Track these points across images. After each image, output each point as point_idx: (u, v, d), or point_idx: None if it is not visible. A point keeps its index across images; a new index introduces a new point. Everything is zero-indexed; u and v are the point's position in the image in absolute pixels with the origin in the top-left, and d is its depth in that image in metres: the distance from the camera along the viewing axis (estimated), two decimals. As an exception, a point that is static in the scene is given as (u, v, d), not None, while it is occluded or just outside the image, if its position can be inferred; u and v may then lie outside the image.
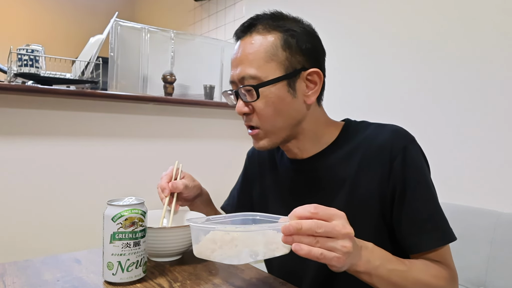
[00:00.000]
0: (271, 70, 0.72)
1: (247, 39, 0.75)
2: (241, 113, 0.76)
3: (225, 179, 2.00)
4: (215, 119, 2.00)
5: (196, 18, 2.91)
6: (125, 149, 1.70)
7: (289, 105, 0.74)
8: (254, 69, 0.72)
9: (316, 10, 1.84)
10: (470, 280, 1.00)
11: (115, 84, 1.79)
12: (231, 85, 0.78)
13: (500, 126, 1.17)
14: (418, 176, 0.72)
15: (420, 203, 0.71)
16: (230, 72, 0.78)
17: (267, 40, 0.73)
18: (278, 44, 0.73)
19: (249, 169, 0.99)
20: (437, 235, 0.70)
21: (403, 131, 0.76)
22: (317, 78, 0.76)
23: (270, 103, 0.73)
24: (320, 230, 0.53)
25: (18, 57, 1.53)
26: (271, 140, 0.76)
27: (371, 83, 1.58)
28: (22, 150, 1.46)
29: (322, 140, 0.80)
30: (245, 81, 0.73)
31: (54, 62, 1.66)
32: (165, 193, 0.82)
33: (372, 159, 0.74)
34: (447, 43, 1.31)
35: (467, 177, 1.24)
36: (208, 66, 2.18)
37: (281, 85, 0.73)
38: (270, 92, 0.72)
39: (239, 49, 0.75)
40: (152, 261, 0.75)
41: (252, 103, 0.74)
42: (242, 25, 0.78)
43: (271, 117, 0.74)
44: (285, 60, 0.73)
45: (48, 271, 0.68)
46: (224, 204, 1.04)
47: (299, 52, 0.74)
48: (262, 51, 0.73)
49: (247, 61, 0.73)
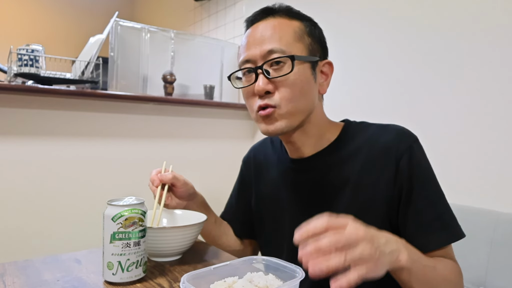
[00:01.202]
0: (299, 50, 0.72)
1: (270, 21, 0.74)
2: (263, 92, 0.71)
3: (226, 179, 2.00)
4: (215, 119, 2.00)
5: (196, 18, 2.91)
6: (125, 149, 1.70)
7: (312, 88, 0.75)
8: (284, 45, 0.71)
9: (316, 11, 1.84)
10: (470, 280, 1.00)
11: (115, 84, 1.79)
12: (245, 64, 0.74)
13: (500, 126, 1.17)
14: (425, 175, 0.72)
15: (427, 202, 0.71)
16: (243, 54, 0.74)
17: (293, 23, 0.74)
18: (304, 29, 0.75)
19: (245, 175, 0.98)
20: (445, 233, 0.70)
21: (407, 131, 0.76)
22: (329, 69, 0.78)
23: (298, 81, 0.71)
24: (340, 245, 0.48)
25: (18, 57, 1.53)
26: (288, 122, 0.72)
27: (371, 83, 1.58)
28: (22, 150, 1.46)
29: (324, 138, 0.80)
30: (273, 55, 0.70)
31: (54, 62, 1.66)
32: (155, 184, 0.82)
33: (377, 160, 0.73)
34: (448, 42, 1.31)
35: (467, 177, 1.24)
36: (208, 66, 2.18)
37: (308, 66, 0.73)
38: (299, 70, 0.71)
39: (262, 29, 0.73)
40: (152, 261, 0.75)
41: (277, 80, 0.70)
42: (258, 11, 0.77)
43: (296, 96, 0.71)
44: (310, 45, 0.75)
45: (48, 271, 0.68)
46: (222, 213, 1.03)
47: (318, 42, 0.77)
48: (291, 31, 0.73)
49: (275, 37, 0.71)
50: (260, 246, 0.96)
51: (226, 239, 0.96)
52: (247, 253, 1.00)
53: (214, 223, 0.92)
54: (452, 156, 1.28)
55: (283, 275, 0.57)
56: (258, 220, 0.93)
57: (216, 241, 0.93)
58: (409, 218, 0.71)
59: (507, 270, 0.95)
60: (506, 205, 1.13)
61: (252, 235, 0.98)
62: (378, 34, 1.55)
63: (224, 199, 1.04)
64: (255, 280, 0.56)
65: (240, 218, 0.98)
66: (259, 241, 0.96)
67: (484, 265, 0.99)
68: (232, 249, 0.96)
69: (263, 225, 0.92)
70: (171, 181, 0.83)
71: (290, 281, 0.53)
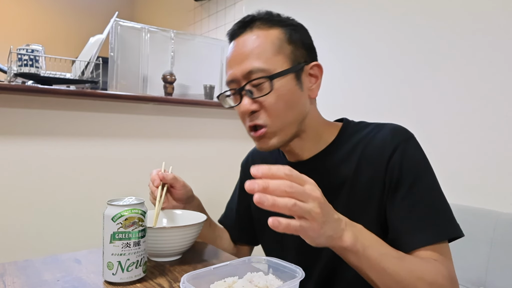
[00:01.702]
0: (279, 63, 0.71)
1: (248, 35, 0.73)
2: (248, 112, 0.72)
3: (225, 179, 2.00)
4: (215, 119, 2.00)
5: (196, 18, 2.91)
6: (125, 149, 1.70)
7: (299, 98, 0.73)
8: (262, 62, 0.70)
9: (316, 11, 1.84)
10: (470, 280, 1.00)
11: (115, 84, 1.79)
12: (230, 85, 0.75)
13: (500, 125, 1.17)
14: (417, 172, 0.70)
15: (416, 198, 0.69)
16: (227, 73, 0.75)
17: (271, 34, 0.72)
18: (283, 37, 0.73)
19: (244, 180, 0.98)
20: (433, 232, 0.67)
21: (402, 128, 0.75)
22: (318, 71, 0.76)
23: (281, 97, 0.71)
24: (290, 190, 0.50)
25: (18, 57, 1.53)
26: (280, 138, 0.73)
27: (371, 83, 1.58)
28: (22, 150, 1.46)
29: (322, 139, 0.79)
30: (253, 75, 0.70)
31: (54, 62, 1.66)
32: (155, 183, 0.82)
33: (371, 157, 0.73)
34: (448, 42, 1.31)
35: (467, 177, 1.24)
36: (208, 66, 2.18)
37: (291, 77, 0.72)
38: (281, 85, 0.71)
39: (239, 46, 0.73)
40: (152, 261, 0.75)
41: (260, 99, 0.71)
42: (237, 24, 0.76)
43: (282, 111, 0.71)
44: (291, 54, 0.73)
45: (48, 271, 0.68)
46: (221, 218, 1.02)
47: (302, 46, 0.75)
48: (269, 44, 0.71)
49: (253, 55, 0.71)
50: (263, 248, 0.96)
51: (221, 242, 0.96)
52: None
53: (209, 227, 0.92)
54: (452, 156, 1.28)
55: (283, 275, 0.57)
56: (259, 224, 0.93)
57: (210, 244, 0.94)
58: (395, 215, 0.69)
59: (507, 270, 0.95)
60: (506, 205, 1.13)
61: (248, 241, 0.99)
62: (378, 34, 1.55)
63: (223, 199, 1.04)
64: (255, 280, 0.56)
65: (238, 223, 0.98)
66: (262, 244, 0.96)
67: (484, 265, 0.99)
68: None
69: (263, 228, 0.92)
70: (171, 181, 0.83)
71: (290, 281, 0.53)
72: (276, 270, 0.59)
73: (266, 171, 0.51)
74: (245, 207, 0.96)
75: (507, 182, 1.15)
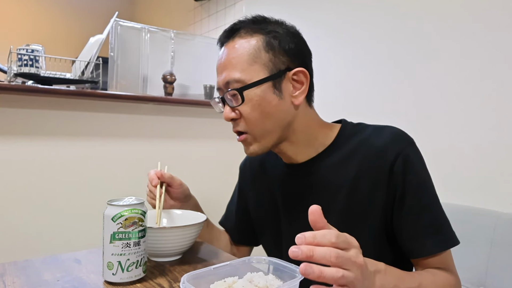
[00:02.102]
0: (254, 73, 0.72)
1: (230, 44, 0.75)
2: (228, 119, 0.75)
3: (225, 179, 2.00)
4: (215, 119, 2.00)
5: (196, 18, 2.91)
6: (125, 149, 1.70)
7: (276, 106, 0.73)
8: (238, 73, 0.71)
9: (316, 10, 1.84)
10: (470, 280, 1.00)
11: (115, 84, 1.79)
12: (218, 92, 0.77)
13: (500, 125, 1.17)
14: (419, 180, 0.71)
15: (422, 207, 0.69)
16: (216, 79, 0.77)
17: (249, 43, 0.73)
18: (260, 46, 0.73)
19: (242, 182, 0.98)
20: (438, 240, 0.68)
21: (402, 133, 0.75)
22: (304, 77, 0.75)
23: (256, 106, 0.72)
24: (337, 260, 0.47)
25: (18, 57, 1.53)
26: (261, 145, 0.75)
27: (370, 84, 1.58)
28: (22, 150, 1.46)
29: (316, 143, 0.78)
30: (230, 86, 0.72)
31: (54, 62, 1.66)
32: (154, 183, 0.83)
33: (371, 164, 0.72)
34: (446, 42, 1.31)
35: (467, 177, 1.24)
36: (208, 66, 2.16)
37: (266, 86, 0.72)
38: (255, 95, 0.72)
39: (223, 55, 0.75)
40: (152, 261, 0.75)
41: (238, 108, 0.73)
42: (224, 31, 0.78)
43: (258, 120, 0.73)
44: (269, 62, 0.72)
45: (48, 271, 0.68)
46: (222, 219, 1.03)
47: (283, 53, 0.74)
48: (245, 54, 0.72)
49: (231, 66, 0.73)
50: (264, 249, 0.97)
51: (218, 243, 0.96)
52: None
53: (206, 227, 0.93)
54: (452, 156, 1.28)
55: (283, 275, 0.57)
56: (258, 225, 0.94)
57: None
58: (403, 223, 0.70)
59: (507, 270, 0.95)
60: (506, 205, 1.13)
61: (249, 242, 0.99)
62: (378, 33, 1.55)
63: (222, 199, 1.04)
64: (255, 280, 0.56)
65: (238, 225, 0.99)
66: (262, 245, 0.96)
67: (484, 265, 0.99)
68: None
69: (262, 230, 0.92)
70: (169, 180, 0.83)
71: (290, 281, 0.53)
72: (276, 270, 0.59)
73: (311, 241, 0.48)
74: (243, 209, 0.96)
75: (507, 182, 1.15)
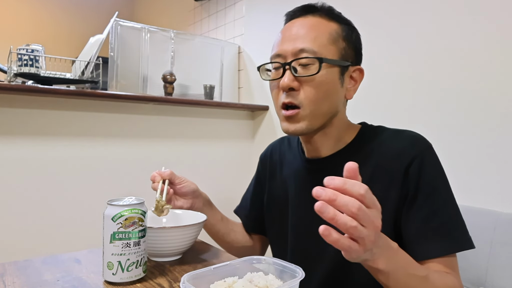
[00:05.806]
0: (330, 53, 0.72)
1: (309, 19, 0.75)
2: (287, 88, 0.72)
3: (225, 179, 2.00)
4: (215, 119, 2.00)
5: (196, 18, 2.91)
6: (125, 149, 1.70)
7: (337, 92, 0.74)
8: (316, 46, 0.71)
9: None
10: (470, 280, 1.00)
11: (115, 84, 1.79)
12: (275, 59, 0.75)
13: (500, 126, 1.17)
14: (434, 183, 0.71)
15: (432, 209, 0.69)
16: (276, 48, 0.75)
17: (330, 26, 0.74)
18: (340, 32, 0.74)
19: (261, 172, 0.99)
20: (445, 243, 0.68)
21: (421, 137, 0.75)
22: (359, 76, 0.78)
23: (323, 83, 0.72)
24: (357, 211, 0.46)
25: (18, 57, 1.53)
26: (310, 124, 0.73)
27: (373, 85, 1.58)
28: (22, 150, 1.46)
29: (342, 140, 0.80)
30: (304, 54, 0.71)
31: (54, 62, 1.66)
32: (156, 180, 0.82)
33: (388, 166, 0.73)
34: (449, 44, 1.31)
35: (467, 177, 1.24)
36: (208, 66, 2.18)
37: (336, 70, 0.73)
38: (326, 73, 0.72)
39: (298, 26, 0.74)
40: (152, 261, 0.75)
41: (302, 79, 0.71)
42: (299, 7, 0.77)
43: (320, 98, 0.72)
44: (343, 50, 0.74)
45: (48, 271, 0.68)
46: (237, 208, 1.04)
47: (353, 48, 0.76)
48: (327, 33, 0.73)
49: (309, 37, 0.72)
50: (270, 243, 0.97)
51: (235, 235, 0.96)
52: (256, 249, 1.01)
53: (221, 221, 0.93)
54: (452, 156, 1.28)
55: (283, 275, 0.57)
56: (269, 218, 0.94)
57: (225, 238, 0.94)
58: (410, 224, 0.70)
59: (507, 270, 0.95)
60: (506, 205, 1.13)
61: (262, 231, 0.99)
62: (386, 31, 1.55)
63: (224, 199, 1.05)
64: (255, 280, 0.56)
65: (253, 214, 0.99)
66: (269, 238, 0.96)
67: (484, 265, 0.99)
68: (241, 245, 0.97)
69: (272, 223, 0.93)
70: (169, 176, 0.83)
71: (290, 281, 0.53)
72: (276, 270, 0.59)
73: (340, 185, 0.47)
74: (260, 199, 0.97)
75: (507, 182, 1.15)
